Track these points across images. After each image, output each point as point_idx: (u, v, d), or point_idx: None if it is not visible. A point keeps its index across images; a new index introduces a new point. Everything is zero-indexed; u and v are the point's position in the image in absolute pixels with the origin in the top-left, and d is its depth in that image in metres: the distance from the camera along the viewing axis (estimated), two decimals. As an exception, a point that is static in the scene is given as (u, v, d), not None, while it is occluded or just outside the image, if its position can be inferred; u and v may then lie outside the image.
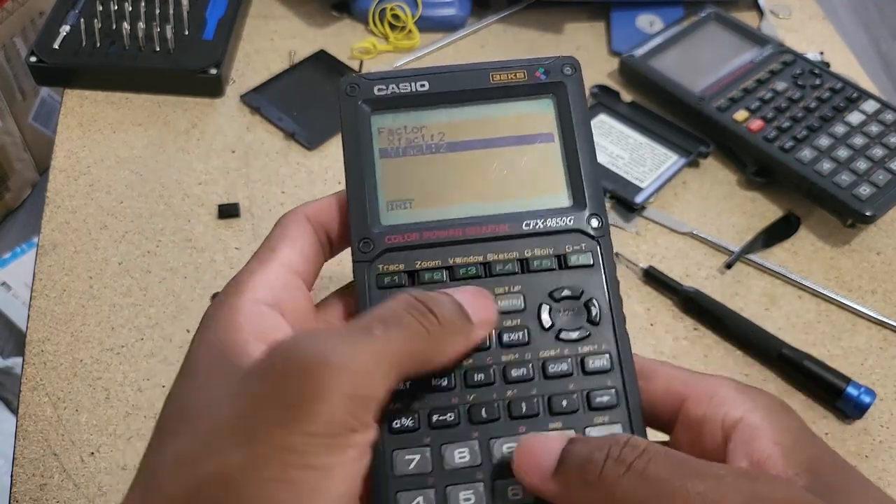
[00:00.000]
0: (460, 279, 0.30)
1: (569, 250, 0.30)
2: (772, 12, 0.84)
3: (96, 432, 0.51)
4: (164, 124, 0.69)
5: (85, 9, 0.73)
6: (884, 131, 0.66)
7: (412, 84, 0.32)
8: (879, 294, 0.61)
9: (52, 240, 0.60)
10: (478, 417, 0.28)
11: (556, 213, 0.31)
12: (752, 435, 0.26)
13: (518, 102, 0.33)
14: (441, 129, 0.32)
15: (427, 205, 0.31)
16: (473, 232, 0.30)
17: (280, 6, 0.81)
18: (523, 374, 0.29)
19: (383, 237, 0.30)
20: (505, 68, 0.33)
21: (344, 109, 0.32)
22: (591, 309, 0.30)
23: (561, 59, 0.33)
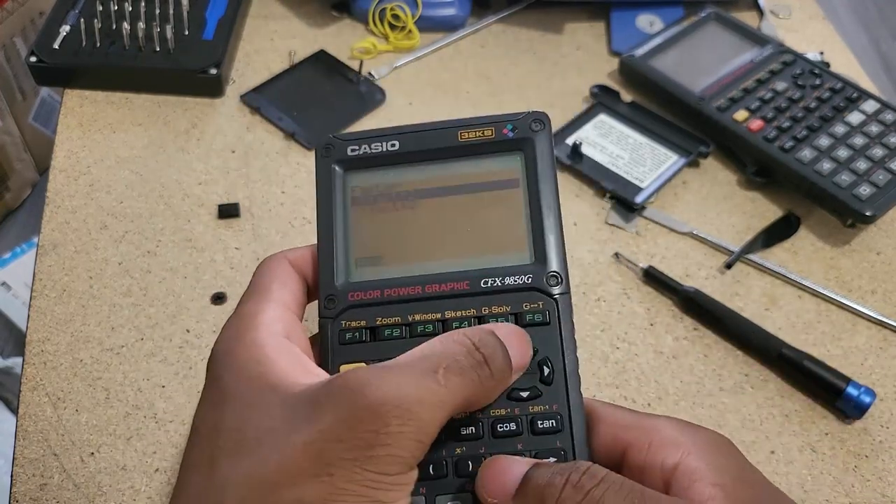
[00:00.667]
0: (418, 336, 0.30)
1: (525, 308, 0.31)
2: (772, 12, 0.84)
3: (96, 432, 0.51)
4: (164, 124, 0.69)
5: (85, 9, 0.73)
6: (884, 131, 0.66)
7: (383, 144, 0.33)
8: (879, 294, 0.61)
9: (52, 240, 0.60)
10: (425, 474, 0.28)
11: (515, 271, 0.31)
12: (690, 479, 0.26)
13: (486, 159, 0.33)
14: (411, 186, 0.33)
15: (393, 262, 0.32)
16: (433, 289, 0.31)
17: (280, 6, 0.81)
18: (472, 433, 0.29)
19: (347, 294, 0.31)
20: (473, 126, 0.33)
21: (319, 169, 0.33)
22: (545, 368, 0.30)
23: (530, 115, 0.33)
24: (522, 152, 0.33)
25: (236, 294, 0.58)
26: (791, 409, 0.54)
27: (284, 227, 0.62)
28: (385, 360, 0.29)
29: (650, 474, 0.27)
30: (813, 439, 0.53)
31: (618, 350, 0.56)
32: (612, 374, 0.55)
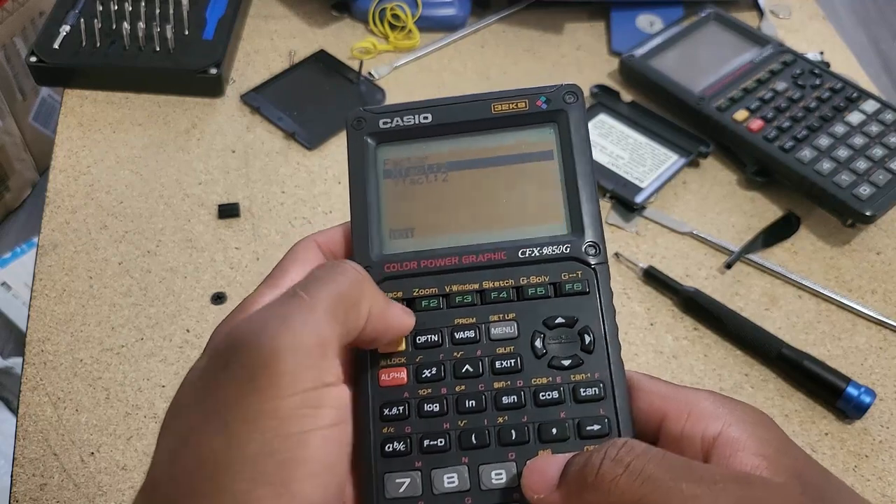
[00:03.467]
0: (456, 306, 0.30)
1: (564, 278, 0.31)
2: (772, 12, 0.84)
3: (96, 432, 0.51)
4: (164, 124, 0.69)
5: (85, 9, 0.73)
6: (884, 131, 0.66)
7: (416, 116, 0.33)
8: (879, 294, 0.61)
9: (52, 240, 0.60)
10: (468, 443, 0.28)
11: (553, 241, 0.31)
12: (733, 448, 0.26)
13: (520, 131, 0.33)
14: (444, 158, 0.33)
15: (427, 233, 0.32)
16: (470, 260, 0.31)
17: (280, 6, 0.81)
18: (514, 401, 0.29)
19: (383, 265, 0.31)
20: (506, 98, 0.33)
21: (351, 142, 0.33)
22: (585, 337, 0.30)
23: (563, 88, 0.33)
24: (556, 124, 0.33)
25: (236, 294, 0.58)
26: (791, 409, 0.54)
27: (284, 226, 0.62)
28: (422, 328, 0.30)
29: (689, 445, 0.27)
30: (813, 439, 0.53)
31: (618, 350, 0.56)
32: (612, 374, 0.55)
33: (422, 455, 0.28)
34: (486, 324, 0.30)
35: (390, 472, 0.28)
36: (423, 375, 0.29)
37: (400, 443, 0.28)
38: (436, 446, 0.28)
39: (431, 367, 0.29)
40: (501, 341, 0.30)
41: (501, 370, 0.29)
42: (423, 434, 0.29)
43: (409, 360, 0.30)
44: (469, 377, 0.29)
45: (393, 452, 0.28)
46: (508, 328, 0.30)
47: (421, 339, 0.30)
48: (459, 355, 0.30)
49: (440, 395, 0.29)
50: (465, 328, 0.30)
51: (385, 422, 0.29)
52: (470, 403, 0.29)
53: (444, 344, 0.30)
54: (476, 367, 0.29)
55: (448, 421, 0.29)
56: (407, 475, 0.28)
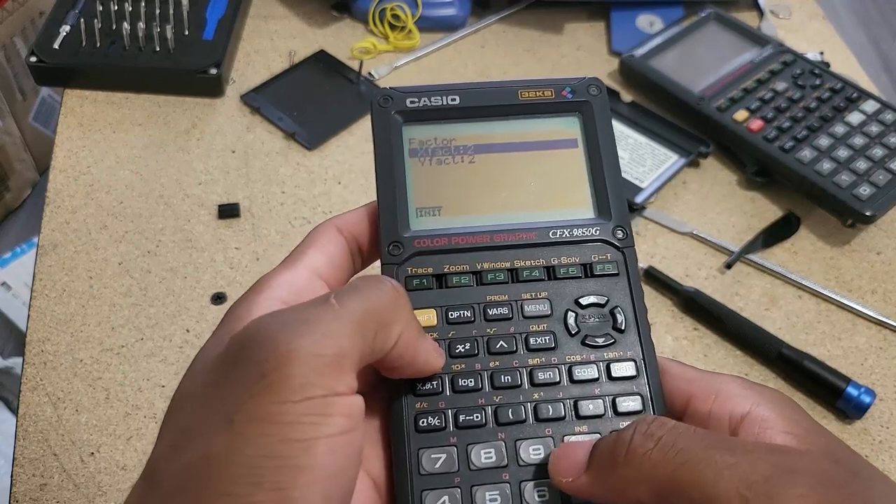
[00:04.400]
0: (487, 284, 0.31)
1: (595, 259, 0.31)
2: (772, 12, 0.84)
3: (96, 432, 0.51)
4: (164, 124, 0.69)
5: (85, 9, 0.73)
6: (884, 131, 0.66)
7: (443, 98, 0.33)
8: (879, 294, 0.61)
9: (52, 240, 0.60)
10: (504, 419, 0.28)
11: (582, 224, 0.32)
12: (762, 427, 0.26)
13: (545, 119, 0.34)
14: (470, 140, 0.33)
15: (455, 212, 0.32)
16: (502, 239, 0.31)
17: (280, 6, 0.81)
18: (550, 378, 0.29)
19: (413, 241, 0.31)
20: (533, 86, 0.33)
21: (376, 120, 0.33)
22: (617, 316, 0.30)
23: (587, 80, 0.34)
24: (581, 113, 0.33)
25: (236, 294, 0.58)
26: (791, 409, 0.54)
27: (284, 226, 0.62)
28: (454, 304, 0.30)
29: (717, 424, 0.27)
30: (813, 439, 0.52)
31: (618, 350, 0.56)
32: (612, 374, 0.55)
33: (457, 430, 0.28)
34: (518, 301, 0.30)
35: (425, 448, 0.28)
36: (458, 350, 0.29)
37: (434, 417, 0.28)
38: (472, 421, 0.28)
39: (465, 342, 0.29)
40: (535, 318, 0.30)
41: (536, 347, 0.30)
42: (458, 409, 0.28)
43: (441, 335, 0.30)
44: (504, 353, 0.29)
45: (427, 427, 0.28)
46: (541, 306, 0.30)
47: (453, 314, 0.30)
48: (493, 332, 0.30)
49: (474, 371, 0.29)
50: (498, 305, 0.30)
51: (419, 397, 0.28)
52: (505, 379, 0.29)
53: (477, 320, 0.30)
54: (510, 344, 0.29)
55: (483, 396, 0.29)
56: (443, 450, 0.28)
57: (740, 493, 0.22)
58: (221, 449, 0.23)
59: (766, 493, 0.22)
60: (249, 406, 0.23)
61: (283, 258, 0.31)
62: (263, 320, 0.25)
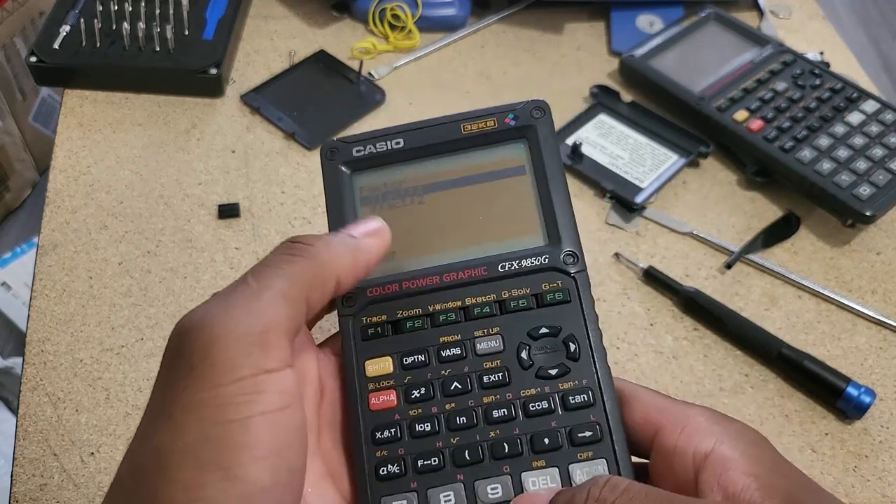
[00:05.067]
0: (440, 325, 0.31)
1: (545, 288, 0.31)
2: (772, 12, 0.84)
3: (96, 432, 0.51)
4: (164, 124, 0.69)
5: (85, 9, 0.73)
6: (884, 131, 0.66)
7: (388, 142, 0.33)
8: (879, 294, 0.61)
9: (52, 240, 0.60)
10: (462, 460, 0.29)
11: (531, 253, 0.32)
12: (724, 467, 0.26)
13: (491, 149, 0.34)
14: (419, 181, 0.33)
15: (409, 255, 0.32)
16: (451, 278, 0.31)
17: (280, 6, 0.81)
18: (505, 415, 0.29)
19: (365, 291, 0.31)
20: (475, 118, 0.34)
21: (326, 172, 0.34)
22: (570, 345, 0.30)
23: (530, 104, 0.34)
24: (526, 139, 0.34)
25: (236, 294, 0.58)
26: (791, 409, 0.54)
27: (284, 227, 0.62)
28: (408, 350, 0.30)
29: (681, 459, 0.27)
30: (813, 439, 0.53)
31: (618, 350, 0.56)
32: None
33: (417, 475, 0.28)
34: (471, 339, 0.31)
35: (387, 496, 0.28)
36: (413, 396, 0.30)
37: (394, 465, 0.28)
38: (430, 465, 0.28)
39: (420, 386, 0.30)
40: (488, 356, 0.30)
41: (490, 384, 0.30)
42: (417, 454, 0.29)
43: (397, 382, 0.30)
44: (458, 394, 0.30)
45: (388, 475, 0.28)
46: (494, 342, 0.30)
47: (408, 360, 0.30)
48: (447, 373, 0.30)
49: (431, 414, 0.29)
50: (450, 346, 0.30)
51: (378, 445, 0.29)
52: (461, 420, 0.29)
53: (432, 363, 0.30)
54: (464, 384, 0.30)
55: (441, 439, 0.29)
56: (403, 497, 0.28)
57: None
58: (165, 441, 0.24)
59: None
60: (184, 397, 0.24)
61: None
62: (188, 314, 0.26)
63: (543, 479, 0.28)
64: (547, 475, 0.28)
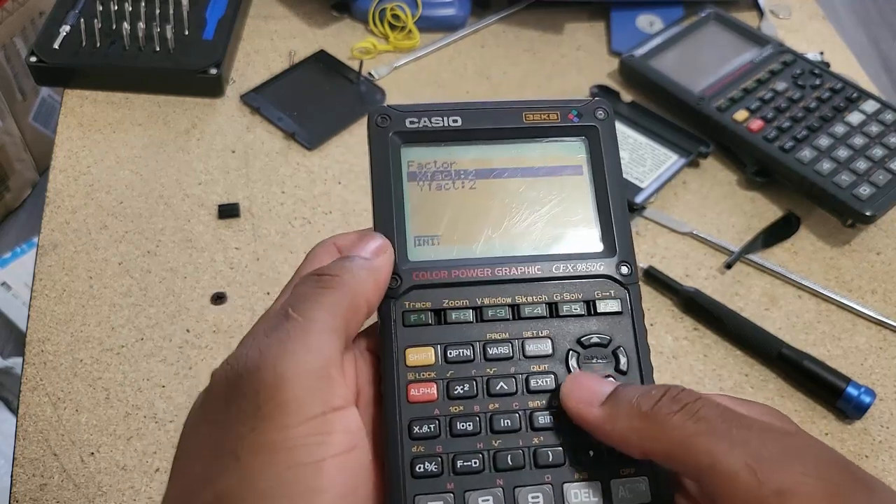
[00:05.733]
0: (488, 320, 0.30)
1: (598, 296, 0.30)
2: (772, 12, 0.84)
3: (96, 432, 0.51)
4: (164, 124, 0.69)
5: (85, 9, 0.73)
6: (884, 131, 0.66)
7: (444, 119, 0.32)
8: (879, 294, 0.61)
9: (52, 240, 0.60)
10: (503, 465, 0.27)
11: (586, 258, 0.31)
12: None
13: (550, 143, 0.32)
14: (471, 164, 0.32)
15: (454, 241, 0.31)
16: (503, 273, 0.30)
17: (280, 6, 0.81)
18: (550, 423, 0.28)
19: (411, 273, 0.30)
20: (538, 109, 0.32)
21: (373, 140, 0.32)
22: (620, 357, 0.29)
23: (594, 103, 0.33)
24: (587, 139, 0.32)
25: (236, 294, 0.58)
26: (791, 409, 0.54)
27: (284, 227, 0.62)
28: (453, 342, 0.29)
29: None
30: (813, 439, 0.52)
31: (618, 350, 0.56)
32: (612, 374, 0.55)
33: (454, 476, 0.27)
34: (520, 339, 0.29)
35: (421, 495, 0.27)
36: (455, 392, 0.28)
37: (431, 463, 0.27)
38: (469, 467, 0.27)
39: (464, 382, 0.29)
40: (536, 358, 0.29)
41: (537, 389, 0.29)
42: (456, 454, 0.27)
43: (439, 375, 0.29)
44: (503, 395, 0.28)
45: (424, 473, 0.27)
46: (543, 345, 0.29)
47: (452, 353, 0.29)
48: (493, 372, 0.29)
49: (473, 413, 0.28)
50: (498, 343, 0.29)
51: (415, 440, 0.28)
52: (505, 423, 0.28)
53: (477, 359, 0.29)
54: (510, 385, 0.29)
55: (481, 441, 0.28)
56: (440, 498, 0.27)
57: (748, 466, 0.23)
58: (234, 486, 0.23)
59: (771, 467, 0.23)
60: (252, 439, 0.23)
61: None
62: (238, 354, 0.25)
63: (585, 492, 0.27)
64: (589, 489, 0.27)
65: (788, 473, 0.23)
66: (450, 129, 0.32)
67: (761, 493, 0.22)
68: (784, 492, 0.22)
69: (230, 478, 0.23)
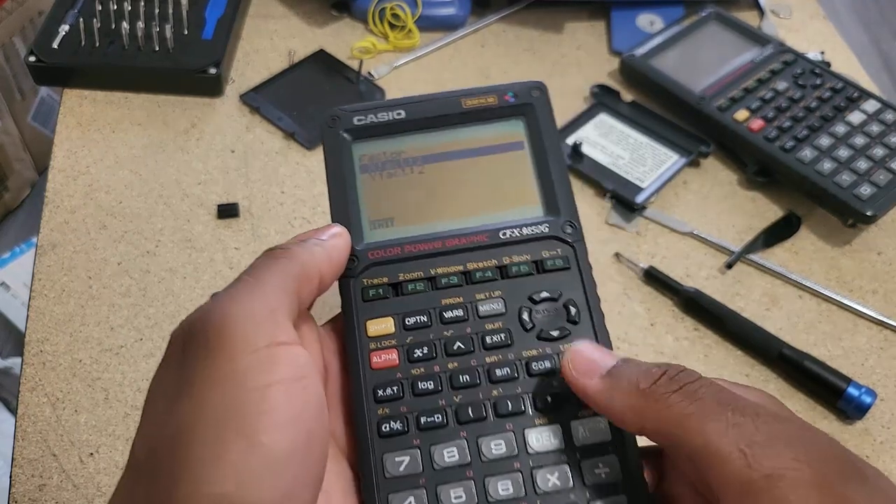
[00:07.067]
0: (442, 288, 0.31)
1: (546, 255, 0.32)
2: (772, 12, 0.84)
3: (95, 433, 0.51)
4: (163, 124, 0.69)
5: (84, 8, 0.73)
6: (884, 131, 0.66)
7: (389, 113, 0.34)
8: (880, 294, 0.61)
9: (51, 240, 0.60)
10: (465, 417, 0.29)
11: (531, 222, 0.32)
12: None
13: (490, 124, 0.34)
14: (418, 151, 0.34)
15: (407, 222, 0.33)
16: (453, 243, 0.32)
17: (280, 6, 0.81)
18: (508, 374, 0.30)
19: (367, 253, 0.32)
20: (476, 94, 0.34)
21: (326, 140, 0.34)
22: (571, 309, 0.31)
23: (528, 84, 0.35)
24: (524, 116, 0.34)
25: (236, 294, 0.58)
26: (792, 409, 0.53)
27: (284, 226, 0.62)
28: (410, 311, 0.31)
29: None
30: (814, 440, 0.52)
31: (618, 350, 0.56)
32: (612, 374, 0.54)
33: (419, 433, 0.29)
34: (473, 302, 0.31)
35: (389, 452, 0.28)
36: (415, 355, 0.30)
37: (396, 422, 0.29)
38: (433, 422, 0.29)
39: (423, 346, 0.30)
40: (490, 317, 0.31)
41: (492, 345, 0.30)
42: (420, 412, 0.29)
43: (399, 342, 0.30)
44: (461, 354, 0.30)
45: (391, 432, 0.29)
46: (496, 305, 0.31)
47: (410, 320, 0.31)
48: (450, 334, 0.31)
49: (433, 373, 0.30)
50: (453, 307, 0.31)
51: (380, 403, 0.29)
52: (464, 378, 0.30)
53: (434, 324, 0.31)
54: (467, 344, 0.30)
55: (443, 397, 0.29)
56: (406, 453, 0.28)
57: (740, 449, 0.23)
58: (189, 413, 0.25)
59: (763, 452, 0.23)
60: (204, 372, 0.25)
61: None
62: (191, 313, 0.27)
63: (547, 435, 0.29)
64: (550, 432, 0.29)
65: (780, 458, 0.23)
66: (395, 121, 0.34)
67: (751, 476, 0.23)
68: (774, 476, 0.22)
69: (186, 407, 0.25)
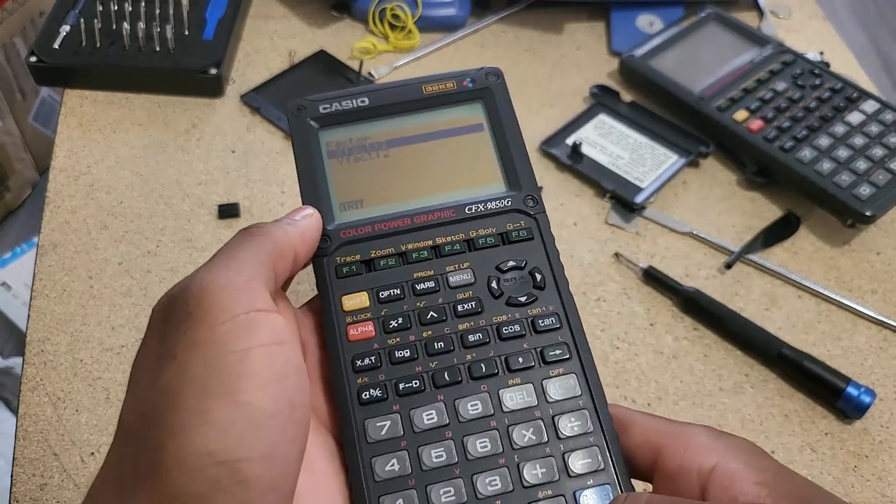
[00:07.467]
0: (413, 262, 0.33)
1: (510, 227, 0.34)
2: (772, 12, 0.84)
3: (96, 432, 0.51)
4: (164, 124, 0.69)
5: (85, 9, 0.73)
6: (884, 131, 0.66)
7: (353, 101, 0.36)
8: (879, 294, 0.61)
9: (52, 240, 0.60)
10: (441, 381, 0.30)
11: (495, 198, 0.34)
12: (730, 480, 0.26)
13: (450, 108, 0.36)
14: (383, 136, 0.36)
15: (376, 203, 0.34)
16: (422, 220, 0.34)
17: (280, 6, 0.81)
18: (480, 339, 0.31)
19: (339, 232, 0.33)
20: (435, 80, 0.36)
21: (294, 128, 0.36)
22: (536, 276, 0.33)
23: (485, 69, 0.37)
24: (483, 100, 0.36)
25: (236, 294, 0.58)
26: (791, 409, 0.54)
27: (284, 227, 0.62)
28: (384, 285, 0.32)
29: (686, 478, 0.27)
30: (813, 439, 0.53)
31: (618, 350, 0.56)
32: (612, 374, 0.55)
33: (399, 398, 0.30)
34: (443, 274, 0.33)
35: (370, 418, 0.30)
36: (391, 326, 0.31)
37: (376, 389, 0.30)
38: (411, 388, 0.30)
39: (397, 317, 0.32)
40: (460, 287, 0.32)
41: (464, 313, 0.32)
42: (398, 379, 0.30)
43: (374, 315, 0.32)
44: (434, 322, 0.32)
45: (370, 399, 0.30)
46: (465, 275, 0.33)
47: (384, 294, 0.32)
48: (423, 304, 0.32)
49: (409, 342, 0.31)
50: (424, 280, 0.32)
51: (359, 373, 0.30)
52: (438, 345, 0.31)
53: (407, 296, 0.32)
54: (440, 313, 0.32)
55: (420, 364, 0.31)
56: (387, 418, 0.30)
57: None
58: (172, 377, 0.26)
59: None
60: (185, 339, 0.26)
61: None
62: (173, 286, 0.28)
63: (520, 394, 0.30)
64: (523, 391, 0.30)
65: None
66: (359, 108, 0.36)
67: None
68: None
69: (169, 372, 0.26)
